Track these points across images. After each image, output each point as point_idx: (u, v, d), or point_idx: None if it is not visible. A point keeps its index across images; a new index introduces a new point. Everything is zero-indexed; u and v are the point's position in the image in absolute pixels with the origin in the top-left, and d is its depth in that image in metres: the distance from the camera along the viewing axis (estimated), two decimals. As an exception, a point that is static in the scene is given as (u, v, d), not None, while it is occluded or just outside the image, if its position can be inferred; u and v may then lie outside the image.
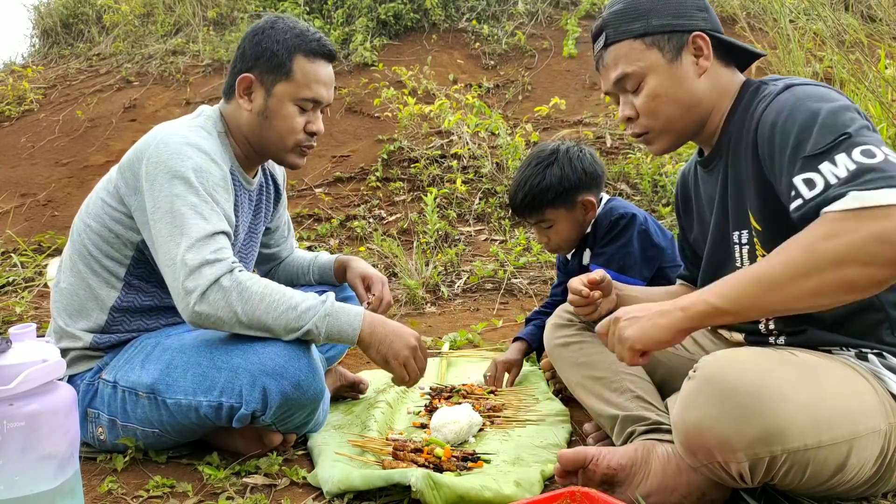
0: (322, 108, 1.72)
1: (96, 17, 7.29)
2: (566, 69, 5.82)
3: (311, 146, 1.73)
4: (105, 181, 1.70)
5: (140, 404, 1.56)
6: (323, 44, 1.68)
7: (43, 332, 1.69)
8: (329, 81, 1.70)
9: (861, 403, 1.15)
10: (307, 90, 1.66)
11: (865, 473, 1.16)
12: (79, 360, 1.66)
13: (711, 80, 1.35)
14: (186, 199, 1.50)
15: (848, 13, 4.94)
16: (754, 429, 1.07)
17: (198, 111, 1.75)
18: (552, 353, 1.68)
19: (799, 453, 1.08)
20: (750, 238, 1.33)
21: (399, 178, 4.70)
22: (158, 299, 1.68)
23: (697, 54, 1.34)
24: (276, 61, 1.64)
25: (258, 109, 1.67)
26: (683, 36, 1.33)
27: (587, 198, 1.98)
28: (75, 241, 1.69)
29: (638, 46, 1.35)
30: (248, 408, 1.47)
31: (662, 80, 1.34)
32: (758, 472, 1.10)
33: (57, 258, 3.86)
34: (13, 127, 5.84)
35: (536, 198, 1.97)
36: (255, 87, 1.67)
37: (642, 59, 1.34)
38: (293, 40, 1.65)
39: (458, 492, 1.31)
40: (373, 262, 3.76)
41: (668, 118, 1.36)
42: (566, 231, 2.03)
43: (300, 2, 6.52)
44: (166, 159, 1.53)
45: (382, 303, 1.87)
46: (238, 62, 1.69)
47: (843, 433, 1.10)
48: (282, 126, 1.67)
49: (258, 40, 1.66)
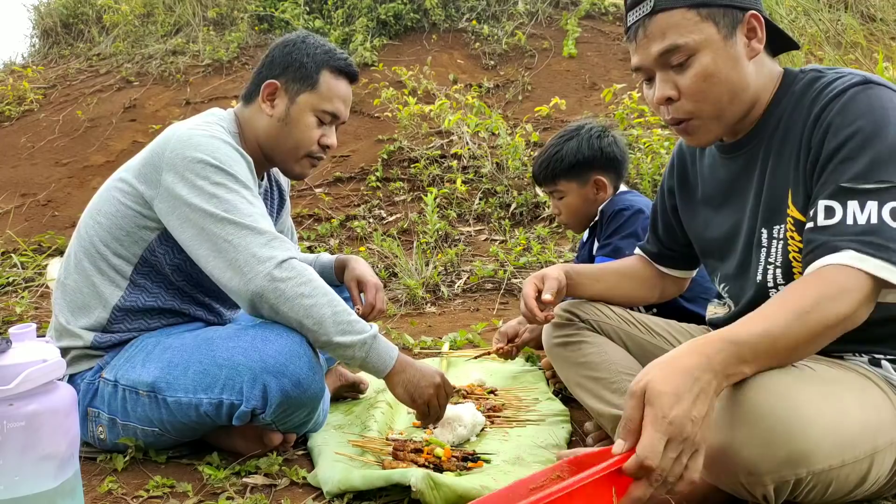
0: (338, 124, 1.79)
1: (96, 17, 7.29)
2: (566, 69, 5.82)
3: (321, 158, 1.80)
4: (116, 179, 1.70)
5: (140, 403, 1.56)
6: (349, 63, 1.77)
7: (43, 331, 1.69)
8: (348, 100, 1.79)
9: (879, 417, 1.14)
10: (329, 103, 1.73)
11: (881, 482, 1.16)
12: (79, 359, 1.66)
13: (758, 66, 1.26)
14: (229, 187, 1.55)
15: (847, 13, 4.94)
16: (781, 453, 1.05)
17: (209, 112, 1.77)
18: (551, 352, 1.67)
19: (823, 474, 1.07)
20: (784, 232, 1.25)
21: (399, 178, 4.70)
22: (161, 300, 1.69)
23: (750, 35, 1.23)
24: (304, 72, 1.71)
25: (279, 115, 1.72)
26: (738, 13, 1.22)
27: (600, 177, 2.04)
28: (82, 238, 1.69)
29: (692, 17, 1.21)
30: (248, 405, 1.48)
31: (717, 59, 1.21)
32: (782, 493, 1.09)
33: (57, 258, 3.86)
34: (13, 127, 5.84)
35: (551, 166, 2.07)
36: (279, 93, 1.73)
37: (697, 32, 1.20)
38: (322, 55, 1.73)
39: (458, 492, 1.31)
40: (373, 262, 3.77)
41: (718, 102, 1.24)
42: (575, 205, 2.09)
43: (300, 2, 6.52)
44: (194, 149, 1.56)
45: (374, 310, 1.86)
46: (265, 69, 1.76)
47: (864, 450, 1.10)
48: (299, 134, 1.73)
49: (289, 50, 1.74)
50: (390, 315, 3.12)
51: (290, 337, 1.50)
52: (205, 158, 1.55)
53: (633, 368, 1.54)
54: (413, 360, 1.61)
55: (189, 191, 1.53)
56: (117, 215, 1.63)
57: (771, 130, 1.29)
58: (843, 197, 1.11)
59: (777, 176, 1.27)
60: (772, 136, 1.28)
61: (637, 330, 1.63)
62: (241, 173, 1.59)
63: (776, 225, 1.28)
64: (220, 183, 1.54)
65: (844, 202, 1.10)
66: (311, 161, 1.78)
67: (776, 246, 1.28)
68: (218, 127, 1.67)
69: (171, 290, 1.70)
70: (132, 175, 1.64)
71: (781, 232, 1.27)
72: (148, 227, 1.62)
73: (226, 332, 1.57)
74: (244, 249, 1.50)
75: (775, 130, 1.28)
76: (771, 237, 1.29)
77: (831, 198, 1.12)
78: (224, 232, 1.51)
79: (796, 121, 1.24)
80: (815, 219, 1.13)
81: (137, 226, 1.63)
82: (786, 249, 1.26)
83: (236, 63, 6.27)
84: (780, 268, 1.28)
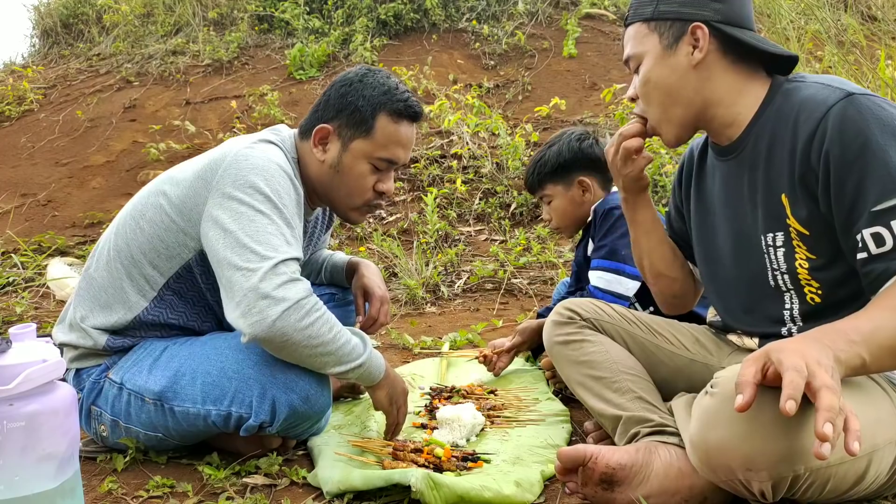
0: (397, 168, 1.69)
1: (96, 18, 7.29)
2: (566, 69, 5.81)
3: (380, 206, 1.70)
4: (166, 184, 1.60)
5: (145, 409, 1.55)
6: (410, 105, 1.63)
7: (43, 332, 1.68)
8: (409, 143, 1.66)
9: (879, 415, 1.15)
10: (385, 151, 1.62)
11: (880, 481, 1.16)
12: (87, 356, 1.64)
13: (709, 73, 1.32)
14: (269, 217, 1.45)
15: (847, 13, 4.94)
16: (779, 449, 1.05)
17: (276, 128, 1.69)
18: (552, 351, 1.67)
19: (822, 470, 1.07)
20: (786, 240, 1.28)
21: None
22: (184, 319, 1.64)
23: (694, 45, 1.31)
24: (359, 117, 1.60)
25: (331, 162, 1.63)
26: (685, 25, 1.32)
27: (583, 178, 2.11)
28: (120, 238, 1.62)
29: (643, 30, 1.36)
30: (256, 419, 1.47)
31: (653, 66, 1.35)
32: (780, 489, 1.09)
33: (57, 258, 3.86)
34: (13, 127, 5.83)
35: (536, 171, 2.16)
36: (331, 138, 1.63)
37: (643, 43, 1.36)
38: (380, 97, 1.60)
39: (458, 492, 1.31)
40: (373, 262, 3.76)
41: (660, 105, 1.37)
42: (563, 207, 2.15)
43: (300, 2, 6.52)
44: (247, 172, 1.47)
45: (375, 323, 1.85)
46: (321, 109, 1.65)
47: (864, 447, 1.09)
48: (352, 183, 1.63)
49: (344, 91, 1.62)
50: (391, 315, 3.12)
51: None
52: (256, 182, 1.46)
53: (634, 368, 1.54)
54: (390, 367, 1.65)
55: (228, 215, 1.44)
56: (161, 226, 1.56)
57: (755, 139, 1.32)
58: (882, 220, 1.13)
59: (770, 183, 1.29)
60: (760, 145, 1.31)
61: (638, 329, 1.63)
62: (286, 204, 1.49)
63: (775, 232, 1.30)
64: (263, 211, 1.45)
65: (887, 223, 1.12)
66: (367, 209, 1.69)
67: (775, 253, 1.31)
68: (277, 150, 1.58)
69: (197, 307, 1.64)
70: (184, 186, 1.55)
71: (780, 240, 1.29)
72: (188, 245, 1.55)
73: (235, 342, 1.53)
74: (247, 288, 1.38)
75: (760, 141, 1.31)
76: (775, 245, 1.30)
77: (871, 225, 1.14)
78: (241, 260, 1.41)
79: (783, 129, 1.26)
80: (868, 249, 1.15)
81: (178, 243, 1.56)
82: (791, 257, 1.28)
83: (236, 63, 6.26)
84: (787, 274, 1.30)
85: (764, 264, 1.33)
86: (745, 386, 0.99)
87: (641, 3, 1.38)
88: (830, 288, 1.26)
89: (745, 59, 1.34)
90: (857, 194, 1.15)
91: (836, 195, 1.18)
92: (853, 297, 1.21)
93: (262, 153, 1.53)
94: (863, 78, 3.37)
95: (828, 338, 1.05)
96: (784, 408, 0.93)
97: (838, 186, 1.17)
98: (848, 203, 1.16)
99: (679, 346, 1.61)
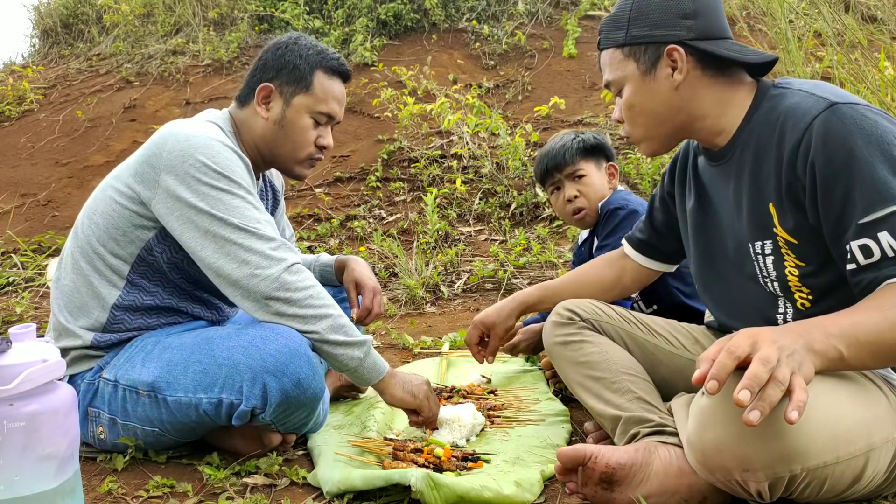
0: (333, 124, 1.79)
1: (96, 18, 7.29)
2: (566, 69, 5.81)
3: (320, 159, 1.81)
4: (112, 179, 1.70)
5: (141, 403, 1.56)
6: (342, 63, 1.77)
7: (43, 331, 1.69)
8: (342, 99, 1.79)
9: (875, 414, 1.15)
10: (324, 104, 1.73)
11: (878, 481, 1.16)
12: (79, 359, 1.66)
13: (692, 90, 1.33)
14: (234, 193, 1.56)
15: (848, 13, 4.94)
16: (775, 449, 1.06)
17: (205, 112, 1.77)
18: (551, 351, 1.67)
19: (818, 470, 1.08)
20: (775, 248, 1.28)
21: (399, 178, 4.70)
22: (159, 299, 1.69)
23: (673, 67, 1.32)
24: (298, 74, 1.71)
25: (275, 118, 1.72)
26: (660, 48, 1.32)
27: (613, 164, 2.20)
28: (79, 238, 1.69)
29: (618, 56, 1.37)
30: (247, 404, 1.48)
31: (635, 92, 1.36)
32: (777, 489, 1.10)
33: (57, 258, 3.86)
34: (13, 127, 5.84)
35: (575, 147, 2.14)
36: (274, 96, 1.73)
37: (620, 70, 1.37)
38: (315, 56, 1.73)
39: (458, 492, 1.31)
40: (373, 262, 3.77)
41: (644, 127, 1.38)
42: (595, 184, 2.14)
43: (300, 2, 6.52)
44: (193, 151, 1.55)
45: (371, 314, 1.87)
46: (259, 72, 1.75)
47: (860, 446, 1.10)
48: (296, 137, 1.74)
49: (281, 53, 1.73)
50: (390, 315, 3.12)
51: (290, 336, 1.50)
52: (205, 161, 1.55)
53: (633, 368, 1.54)
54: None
55: (192, 194, 1.53)
56: (114, 215, 1.63)
57: (741, 147, 1.32)
58: (869, 232, 1.13)
59: (757, 192, 1.30)
60: (746, 153, 1.31)
61: (638, 330, 1.63)
62: (242, 177, 1.59)
63: (763, 240, 1.30)
64: (224, 188, 1.55)
65: (874, 236, 1.12)
66: (310, 162, 1.79)
67: (764, 261, 1.31)
68: (215, 128, 1.67)
69: (168, 287, 1.69)
70: (128, 175, 1.63)
71: (768, 248, 1.30)
72: (144, 226, 1.62)
73: (226, 332, 1.57)
74: (256, 252, 1.52)
75: (747, 148, 1.31)
76: (764, 253, 1.31)
77: (859, 237, 1.14)
78: (233, 236, 1.52)
79: (768, 138, 1.26)
80: (856, 260, 1.15)
81: (134, 225, 1.62)
82: (780, 265, 1.29)
83: (236, 63, 6.27)
84: (777, 281, 1.30)
85: (754, 271, 1.34)
86: (704, 361, 1.01)
87: (612, 27, 1.37)
88: (821, 294, 1.26)
89: (726, 71, 1.33)
90: (843, 206, 1.15)
91: (823, 206, 1.18)
92: (844, 302, 1.21)
93: (203, 132, 1.60)
94: (863, 77, 3.37)
95: (804, 328, 1.07)
96: (737, 397, 0.95)
97: (825, 197, 1.17)
98: (835, 214, 1.16)
99: (678, 346, 1.61)
